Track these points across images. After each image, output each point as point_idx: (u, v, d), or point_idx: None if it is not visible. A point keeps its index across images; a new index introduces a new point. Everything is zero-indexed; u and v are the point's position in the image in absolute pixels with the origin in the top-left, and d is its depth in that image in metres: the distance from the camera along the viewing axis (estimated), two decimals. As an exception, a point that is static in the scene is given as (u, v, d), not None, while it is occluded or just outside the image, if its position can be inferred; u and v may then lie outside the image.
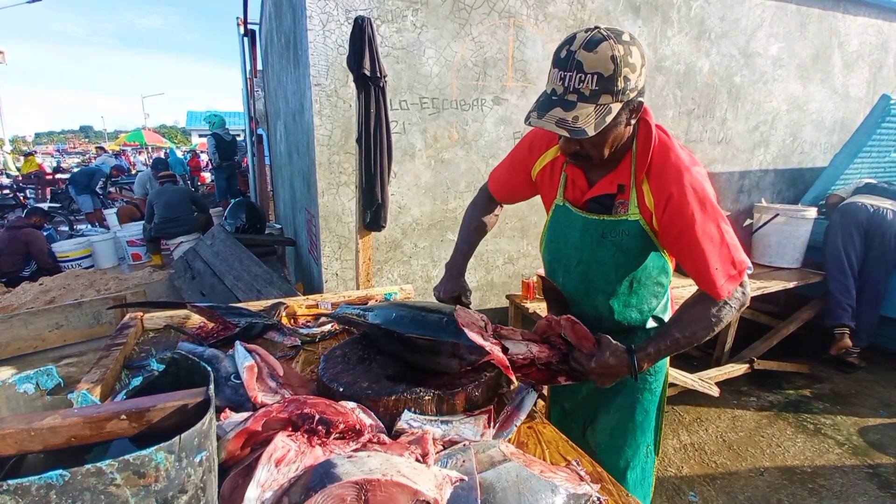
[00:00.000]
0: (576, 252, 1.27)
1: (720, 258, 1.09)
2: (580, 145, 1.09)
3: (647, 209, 1.14)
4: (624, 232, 1.18)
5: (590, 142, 1.07)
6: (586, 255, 1.25)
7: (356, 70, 1.88)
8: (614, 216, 1.18)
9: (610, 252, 1.21)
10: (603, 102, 0.99)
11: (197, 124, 26.06)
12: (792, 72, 3.85)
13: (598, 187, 1.20)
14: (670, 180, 1.09)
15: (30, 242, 5.21)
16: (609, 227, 1.19)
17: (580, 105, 0.98)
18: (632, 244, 1.18)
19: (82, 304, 2.94)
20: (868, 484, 2.42)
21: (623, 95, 0.99)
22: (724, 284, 1.10)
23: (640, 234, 1.17)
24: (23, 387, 0.76)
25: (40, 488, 0.47)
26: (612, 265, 1.22)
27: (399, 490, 0.69)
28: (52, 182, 12.29)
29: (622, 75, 0.98)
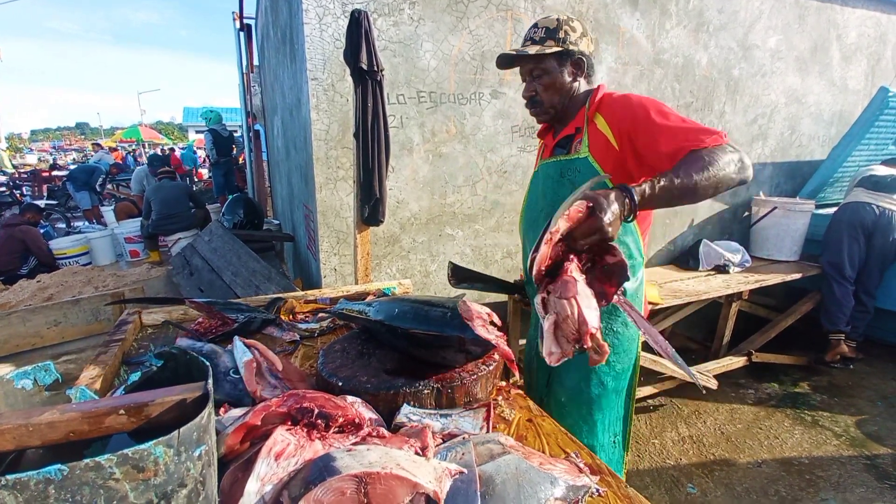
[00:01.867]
0: (542, 202, 1.44)
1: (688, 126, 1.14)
2: (535, 90, 1.39)
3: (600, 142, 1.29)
4: (576, 169, 1.33)
5: (541, 85, 1.38)
6: (548, 198, 1.41)
7: (353, 64, 1.86)
8: (569, 155, 1.37)
9: (568, 189, 1.31)
10: (548, 45, 1.35)
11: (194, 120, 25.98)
12: (790, 64, 3.84)
13: (562, 133, 1.42)
14: (617, 101, 1.29)
15: (27, 240, 5.20)
16: (565, 166, 1.36)
17: (531, 45, 1.37)
18: (582, 179, 1.29)
19: (80, 301, 2.93)
20: (865, 475, 2.43)
21: (564, 44, 1.34)
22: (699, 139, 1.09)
23: (589, 169, 1.30)
24: (21, 383, 0.76)
25: (39, 483, 0.46)
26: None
27: (398, 483, 0.69)
28: (48, 179, 12.24)
29: (563, 29, 1.36)
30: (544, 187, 1.45)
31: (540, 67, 1.37)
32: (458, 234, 2.97)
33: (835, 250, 3.26)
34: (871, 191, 3.25)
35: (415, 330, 1.08)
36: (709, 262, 3.34)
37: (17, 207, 8.73)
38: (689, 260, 3.42)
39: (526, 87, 1.42)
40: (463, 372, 1.06)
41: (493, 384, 1.14)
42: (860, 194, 3.29)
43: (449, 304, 1.13)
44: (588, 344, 0.82)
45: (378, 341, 1.22)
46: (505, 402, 1.11)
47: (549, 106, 1.40)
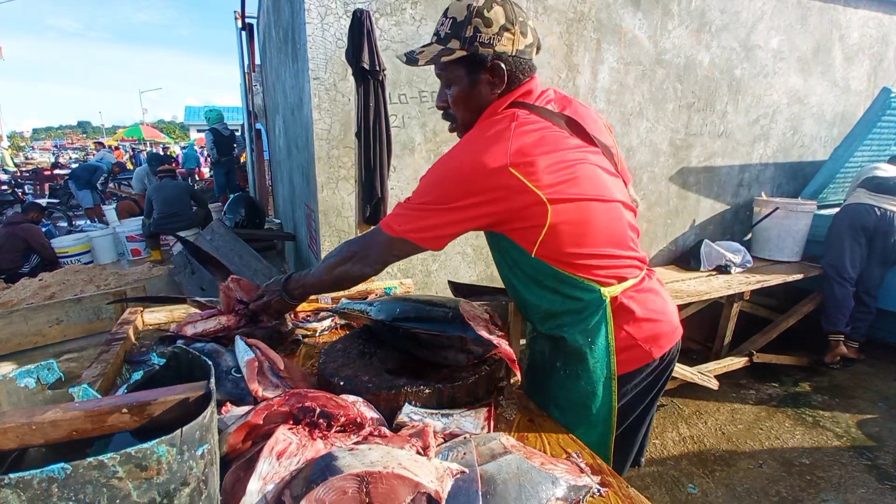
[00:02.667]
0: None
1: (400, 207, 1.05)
2: (447, 103, 1.11)
3: None
4: None
5: (452, 99, 1.09)
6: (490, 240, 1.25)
7: (355, 64, 1.86)
8: None
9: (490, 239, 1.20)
10: (451, 46, 1.02)
11: (195, 119, 26.02)
12: (792, 65, 3.84)
13: None
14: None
15: (29, 238, 5.20)
16: None
17: (433, 45, 1.04)
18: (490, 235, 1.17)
19: (82, 300, 2.94)
20: (866, 476, 2.43)
21: (470, 45, 1.00)
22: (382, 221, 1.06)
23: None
24: (23, 381, 0.76)
25: (42, 482, 0.47)
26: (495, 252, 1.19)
27: (400, 482, 0.70)
28: (50, 178, 12.26)
29: (472, 24, 0.99)
30: None
31: (446, 75, 1.08)
32: (459, 234, 2.96)
33: (836, 252, 3.26)
34: (872, 192, 3.24)
35: (416, 329, 1.08)
36: (710, 263, 3.34)
37: (19, 206, 8.75)
38: (691, 260, 3.42)
39: (438, 95, 1.14)
40: (464, 372, 1.06)
41: (495, 384, 1.14)
42: (861, 196, 3.28)
43: (450, 304, 1.13)
44: None
45: (380, 341, 1.22)
46: (506, 402, 1.11)
47: (461, 123, 1.13)
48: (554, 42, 2.87)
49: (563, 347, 1.12)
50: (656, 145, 3.39)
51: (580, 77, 3.03)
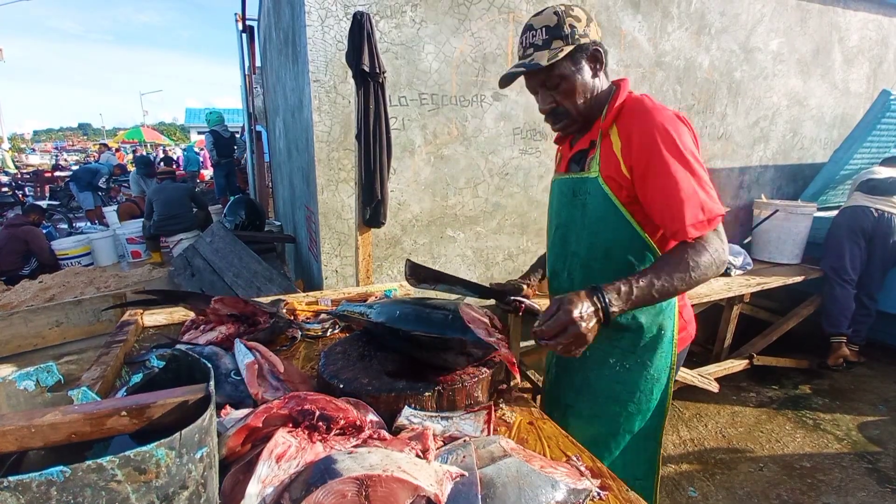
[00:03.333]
0: (556, 217, 1.32)
1: (688, 197, 1.02)
2: (555, 100, 1.18)
3: (612, 164, 1.12)
4: (587, 190, 1.18)
5: (561, 93, 1.17)
6: (563, 216, 1.27)
7: (355, 66, 1.87)
8: (580, 173, 1.21)
9: (579, 211, 1.21)
10: (555, 47, 1.12)
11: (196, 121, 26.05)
12: (792, 67, 3.84)
13: (576, 147, 1.25)
14: (636, 117, 1.09)
15: (29, 240, 5.21)
16: (578, 185, 1.21)
17: (536, 54, 1.14)
18: (593, 204, 1.17)
19: (82, 302, 2.94)
20: (867, 479, 2.42)
21: (572, 39, 1.12)
22: (692, 224, 1.02)
23: (599, 193, 1.15)
24: (23, 384, 0.76)
25: (41, 485, 0.47)
26: (582, 225, 1.21)
27: (400, 486, 0.69)
28: (51, 180, 12.27)
29: (567, 23, 1.12)
30: (559, 204, 1.29)
31: (554, 75, 1.14)
32: (459, 236, 2.97)
33: (835, 254, 3.26)
34: (868, 195, 3.25)
35: (416, 332, 1.08)
36: (710, 265, 3.34)
37: (19, 208, 8.76)
38: (691, 262, 3.41)
39: (542, 100, 1.20)
40: (464, 374, 1.06)
41: (495, 387, 1.14)
42: (859, 198, 3.30)
43: (450, 306, 1.13)
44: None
45: (379, 343, 1.22)
46: (506, 405, 1.11)
47: (577, 114, 1.18)
48: (554, 45, 2.87)
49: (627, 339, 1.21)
50: (656, 147, 3.39)
51: (580, 79, 3.04)
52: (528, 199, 3.11)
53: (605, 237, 1.17)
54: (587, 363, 1.25)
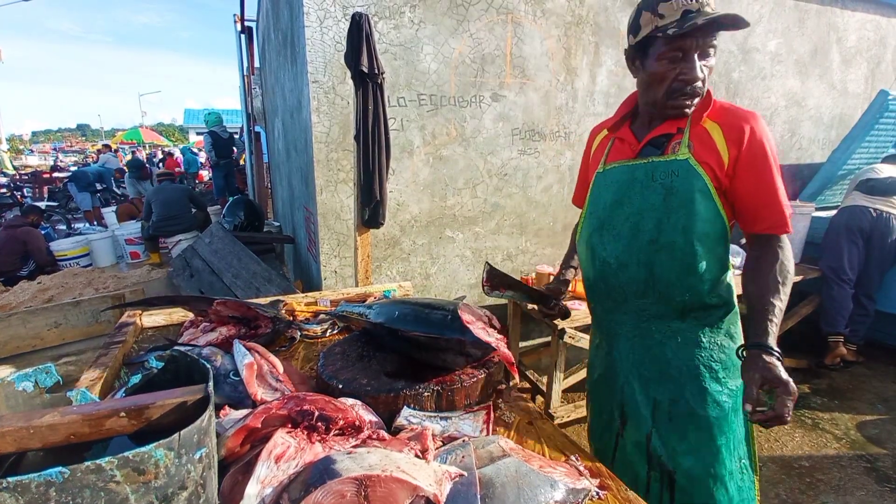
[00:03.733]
0: (622, 206, 1.23)
1: (782, 197, 1.14)
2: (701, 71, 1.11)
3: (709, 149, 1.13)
4: (673, 172, 1.14)
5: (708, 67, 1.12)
6: (636, 202, 1.20)
7: (354, 67, 1.87)
8: (664, 157, 1.17)
9: (660, 195, 1.16)
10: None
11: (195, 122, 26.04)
12: (790, 67, 3.85)
13: (658, 129, 1.19)
14: (745, 117, 1.13)
15: (28, 241, 5.20)
16: (659, 168, 1.17)
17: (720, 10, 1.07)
18: (681, 186, 1.13)
19: (81, 303, 2.94)
20: (866, 478, 2.43)
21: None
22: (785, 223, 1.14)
23: (690, 173, 1.13)
24: (22, 385, 0.76)
25: (40, 486, 0.47)
26: (664, 208, 1.16)
27: (399, 486, 0.69)
28: (49, 181, 12.25)
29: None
30: (627, 191, 1.22)
31: (713, 44, 1.10)
32: (458, 237, 2.97)
33: (833, 254, 3.27)
34: (867, 195, 3.26)
35: (415, 332, 1.08)
36: (709, 265, 3.35)
37: (17, 209, 8.74)
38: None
39: (692, 68, 1.09)
40: (463, 375, 1.06)
41: (493, 387, 1.14)
42: (857, 198, 3.30)
43: (449, 306, 1.13)
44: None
45: (378, 344, 1.22)
46: (505, 405, 1.11)
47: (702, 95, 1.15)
48: (552, 45, 2.88)
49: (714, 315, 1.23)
50: (655, 148, 3.39)
51: (578, 80, 3.04)
52: (526, 200, 3.11)
53: (693, 220, 1.14)
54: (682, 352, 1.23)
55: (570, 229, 3.50)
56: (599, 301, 1.36)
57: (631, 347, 1.29)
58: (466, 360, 1.08)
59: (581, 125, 3.13)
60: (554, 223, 3.26)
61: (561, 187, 3.20)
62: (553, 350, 2.54)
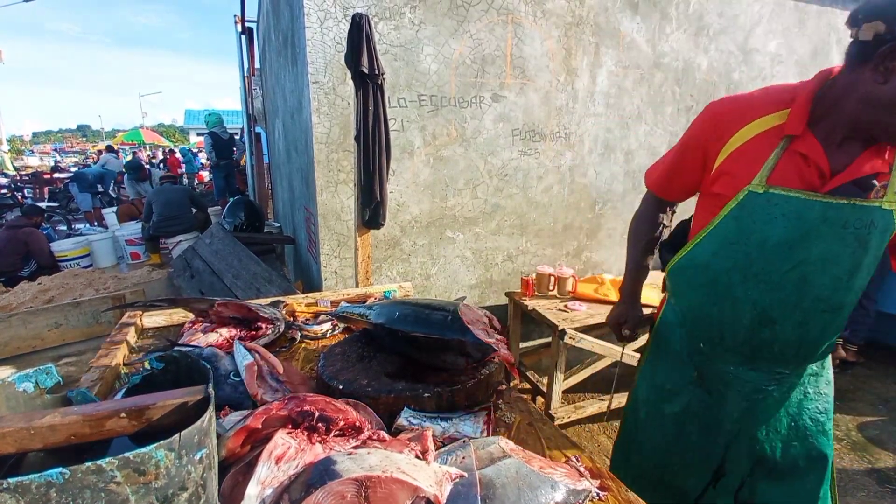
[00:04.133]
0: (793, 253, 0.96)
1: None
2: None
3: None
4: (872, 223, 0.91)
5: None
6: (815, 250, 0.95)
7: (354, 68, 1.87)
8: (866, 202, 0.91)
9: (849, 248, 0.93)
10: None
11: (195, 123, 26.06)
12: (790, 68, 3.85)
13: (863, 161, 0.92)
14: None
15: (30, 242, 5.21)
16: (855, 215, 0.91)
17: None
18: (875, 241, 0.93)
19: (81, 304, 2.94)
20: (866, 479, 2.42)
21: None
22: None
23: (888, 230, 0.92)
24: (22, 385, 0.76)
25: (40, 486, 0.47)
26: (848, 266, 0.95)
27: (399, 486, 0.69)
28: (49, 181, 12.27)
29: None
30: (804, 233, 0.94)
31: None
32: (458, 238, 2.97)
33: None
34: None
35: (415, 333, 1.08)
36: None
37: (18, 209, 8.75)
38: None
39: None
40: (463, 375, 1.06)
41: (494, 388, 1.14)
42: None
43: (449, 307, 1.13)
44: None
45: (379, 345, 1.22)
46: (505, 406, 1.11)
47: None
48: (552, 46, 2.88)
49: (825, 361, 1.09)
50: (655, 148, 3.39)
51: (578, 81, 3.04)
52: (527, 201, 3.11)
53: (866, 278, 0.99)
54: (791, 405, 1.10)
55: (570, 230, 3.50)
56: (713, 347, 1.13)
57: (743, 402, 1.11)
58: (467, 361, 1.08)
59: (581, 126, 3.13)
60: (554, 224, 3.26)
61: (561, 188, 3.21)
62: (553, 351, 2.54)
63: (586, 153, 3.22)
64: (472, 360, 1.08)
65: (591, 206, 3.36)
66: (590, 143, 3.20)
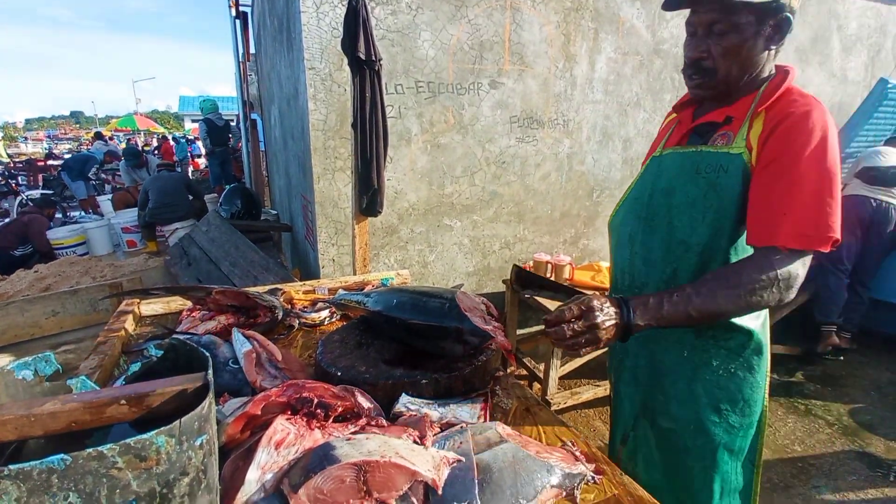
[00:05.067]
0: (663, 198, 1.10)
1: (806, 204, 0.90)
2: (708, 51, 1.00)
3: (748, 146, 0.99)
4: (721, 167, 1.01)
5: (721, 46, 0.98)
6: (677, 197, 1.07)
7: (351, 53, 1.85)
8: (711, 147, 1.04)
9: (701, 189, 1.03)
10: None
11: (190, 109, 25.77)
12: (790, 55, 3.82)
13: (705, 117, 1.09)
14: (794, 108, 0.95)
15: (29, 224, 5.21)
16: (708, 160, 1.03)
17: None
18: (728, 184, 0.99)
19: (78, 292, 2.93)
20: (857, 463, 2.47)
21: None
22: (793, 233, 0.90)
23: (741, 173, 0.98)
24: (21, 373, 0.76)
25: (42, 472, 0.47)
26: (702, 206, 1.03)
27: (397, 471, 0.70)
28: (44, 168, 12.15)
29: None
30: (668, 182, 1.10)
31: (728, 21, 0.97)
32: (456, 225, 2.97)
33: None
34: (868, 184, 3.26)
35: (413, 321, 1.08)
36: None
37: (13, 197, 8.69)
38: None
39: (694, 45, 1.03)
40: (460, 362, 1.07)
41: (491, 374, 1.15)
42: (857, 187, 3.29)
43: (447, 294, 1.13)
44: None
45: (377, 332, 1.23)
46: (502, 392, 1.12)
47: (723, 78, 1.01)
48: (551, 31, 2.85)
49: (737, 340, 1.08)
50: (653, 136, 3.38)
51: (577, 67, 3.02)
52: (525, 188, 3.11)
53: (730, 223, 1.01)
54: (685, 366, 1.11)
55: (568, 217, 3.50)
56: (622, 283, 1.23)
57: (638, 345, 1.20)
58: (464, 348, 1.09)
59: (580, 113, 3.12)
60: (552, 211, 3.25)
61: (559, 175, 3.20)
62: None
63: (584, 140, 3.21)
64: (470, 347, 1.09)
65: (588, 193, 3.36)
66: (588, 131, 3.19)
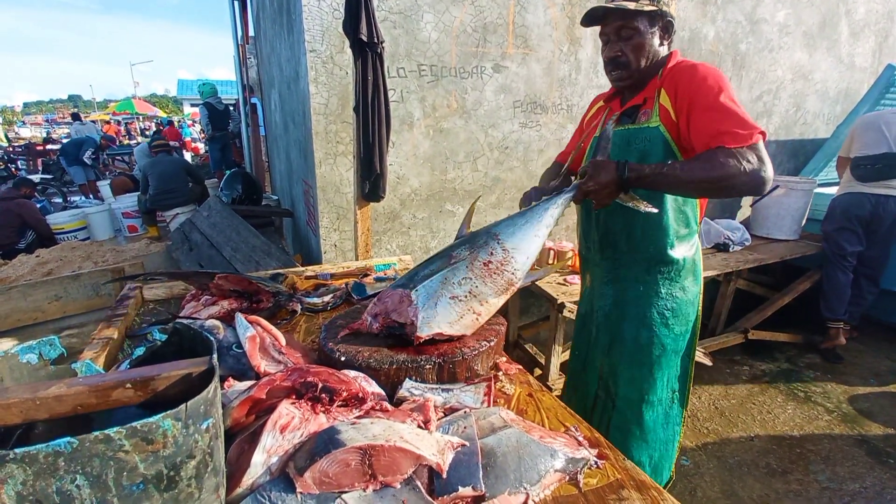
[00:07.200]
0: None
1: (728, 115, 1.17)
2: (622, 51, 1.34)
3: (664, 112, 1.30)
4: (646, 138, 1.33)
5: (630, 46, 1.32)
6: None
7: (352, 35, 1.82)
8: (637, 124, 1.37)
9: (634, 159, 1.33)
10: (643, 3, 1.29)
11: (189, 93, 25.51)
12: (798, 39, 3.77)
13: (630, 102, 1.41)
14: (683, 71, 1.28)
15: (23, 213, 5.17)
16: (634, 135, 1.36)
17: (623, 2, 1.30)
18: (653, 151, 1.32)
19: (80, 276, 2.93)
20: (856, 450, 2.49)
21: (658, 3, 1.30)
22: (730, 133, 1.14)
23: (661, 141, 1.30)
24: (26, 357, 0.76)
25: (48, 456, 0.47)
26: None
27: (402, 455, 0.71)
28: (43, 153, 12.09)
29: None
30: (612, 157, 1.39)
31: (630, 27, 1.31)
32: (458, 211, 2.95)
33: (834, 240, 3.24)
34: (861, 182, 3.17)
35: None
36: (709, 241, 3.34)
37: (11, 181, 8.65)
38: (690, 238, 3.41)
39: (609, 48, 1.37)
40: (464, 347, 1.07)
41: (494, 359, 1.15)
42: (854, 184, 3.21)
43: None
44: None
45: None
46: (505, 377, 1.13)
47: (636, 69, 1.35)
48: (556, 14, 2.81)
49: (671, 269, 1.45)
50: (658, 122, 3.35)
51: (582, 51, 2.98)
52: (527, 174, 3.08)
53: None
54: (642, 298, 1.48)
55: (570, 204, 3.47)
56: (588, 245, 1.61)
57: (605, 288, 1.56)
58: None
59: (584, 97, 3.08)
60: (554, 198, 3.23)
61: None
62: (552, 324, 2.56)
63: (588, 126, 3.17)
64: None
65: (591, 180, 3.33)
66: (592, 116, 3.15)
